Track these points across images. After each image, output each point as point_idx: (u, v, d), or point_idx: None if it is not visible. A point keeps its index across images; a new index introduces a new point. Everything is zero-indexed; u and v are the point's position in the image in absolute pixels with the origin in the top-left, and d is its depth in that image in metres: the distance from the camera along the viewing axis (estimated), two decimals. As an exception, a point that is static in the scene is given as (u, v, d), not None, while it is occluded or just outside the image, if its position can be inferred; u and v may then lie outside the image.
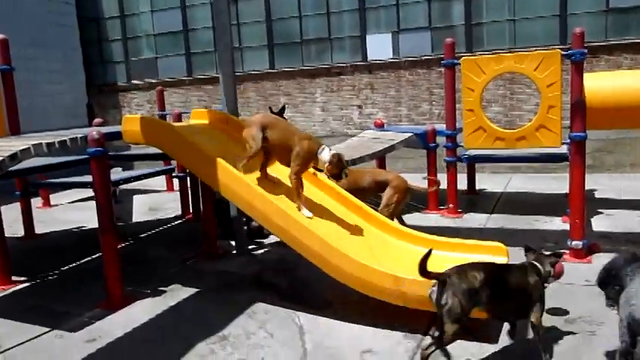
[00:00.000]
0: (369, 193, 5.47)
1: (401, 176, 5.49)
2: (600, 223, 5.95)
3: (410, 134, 7.06)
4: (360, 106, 10.42)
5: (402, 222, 5.57)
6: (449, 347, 3.33)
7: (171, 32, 11.90)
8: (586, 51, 4.81)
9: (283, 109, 6.17)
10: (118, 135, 4.62)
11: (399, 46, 10.09)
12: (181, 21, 11.70)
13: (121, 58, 12.47)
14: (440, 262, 4.19)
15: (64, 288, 4.95)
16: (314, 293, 4.39)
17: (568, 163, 5.24)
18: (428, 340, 3.46)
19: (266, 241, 5.83)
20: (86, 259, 5.69)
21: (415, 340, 3.49)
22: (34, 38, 11.01)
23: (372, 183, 5.40)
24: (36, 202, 8.43)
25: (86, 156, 4.31)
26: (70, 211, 8.44)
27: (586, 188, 5.03)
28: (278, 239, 4.39)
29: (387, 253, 4.22)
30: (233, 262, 5.38)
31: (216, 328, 3.84)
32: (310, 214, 4.20)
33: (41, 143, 4.00)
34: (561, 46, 7.16)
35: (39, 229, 6.98)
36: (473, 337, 3.45)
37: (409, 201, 5.64)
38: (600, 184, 7.83)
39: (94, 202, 4.35)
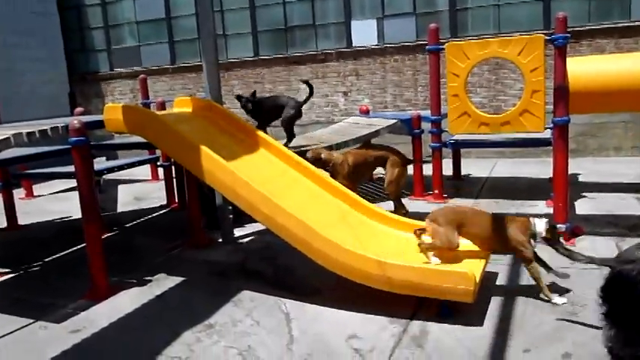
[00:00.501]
0: (372, 169, 6.00)
1: (398, 150, 5.90)
2: (583, 206, 6.01)
3: (395, 120, 7.06)
4: (345, 93, 10.39)
5: (402, 206, 5.62)
6: (432, 330, 3.36)
7: (154, 20, 11.73)
8: (569, 36, 4.83)
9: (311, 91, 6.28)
10: (99, 124, 4.57)
11: (384, 32, 10.04)
12: (164, 8, 11.53)
13: (103, 46, 12.29)
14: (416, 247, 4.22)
15: (48, 279, 4.92)
16: (300, 280, 4.39)
17: (552, 147, 5.28)
18: (414, 325, 3.49)
19: (251, 229, 5.81)
20: (70, 250, 5.64)
21: (400, 325, 3.51)
22: (14, 26, 10.81)
23: (372, 159, 5.81)
24: (19, 193, 8.34)
25: (68, 146, 4.25)
26: (54, 201, 8.36)
27: (569, 172, 5.08)
28: (263, 227, 4.37)
29: (372, 239, 4.23)
30: (219, 250, 5.36)
31: (202, 316, 3.83)
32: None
33: (21, 133, 3.95)
34: (545, 31, 7.17)
35: (22, 220, 6.90)
36: (458, 320, 3.48)
37: None
38: (584, 168, 7.90)
39: (77, 193, 4.30)
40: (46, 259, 5.45)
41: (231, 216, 5.55)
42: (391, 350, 3.22)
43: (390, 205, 5.70)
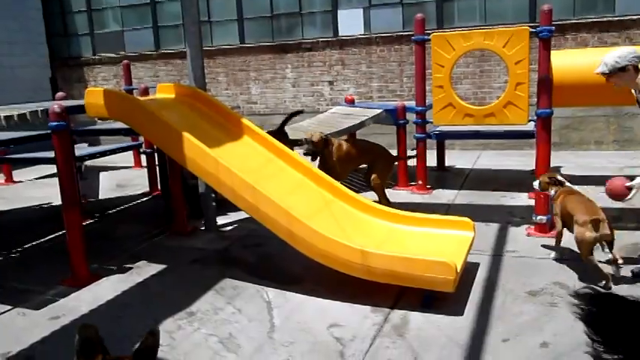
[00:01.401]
0: (360, 163, 5.89)
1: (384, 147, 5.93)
2: (565, 198, 6.06)
3: (380, 110, 7.06)
4: (331, 82, 10.35)
5: (384, 197, 5.65)
6: (413, 318, 3.38)
7: (138, 4, 11.56)
8: (554, 28, 4.85)
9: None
10: (80, 109, 4.50)
11: (371, 21, 10.00)
12: (148, -7, 11.40)
13: (85, 30, 12.09)
14: (408, 237, 4.25)
15: (27, 266, 4.86)
16: (282, 268, 4.39)
17: (535, 140, 5.31)
18: (396, 313, 3.51)
19: (234, 217, 5.78)
20: (51, 237, 5.57)
21: (382, 313, 3.53)
22: (-6, 9, 10.60)
23: (364, 153, 5.78)
24: (-2, 178, 8.22)
25: (48, 131, 4.18)
26: (35, 187, 8.24)
27: (552, 165, 5.12)
28: (247, 215, 4.35)
29: (355, 228, 4.24)
30: (201, 238, 5.34)
31: (183, 304, 3.81)
32: None
33: None
34: (531, 24, 7.19)
35: (1, 206, 6.80)
36: (439, 309, 3.51)
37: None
38: (566, 161, 7.97)
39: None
40: (26, 246, 5.38)
41: (213, 203, 5.52)
42: (372, 339, 3.23)
43: (373, 194, 5.70)
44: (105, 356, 1.65)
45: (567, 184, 4.40)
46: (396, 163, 6.30)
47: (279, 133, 5.75)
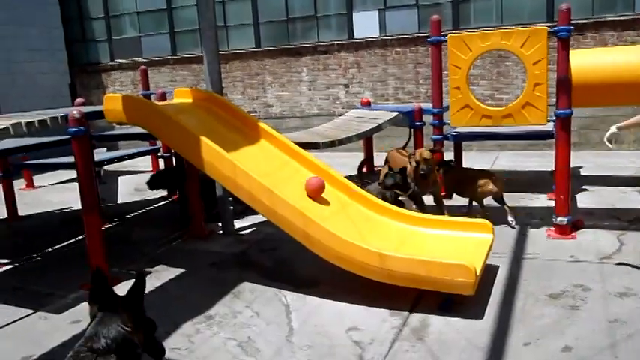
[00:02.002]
0: None
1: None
2: (585, 199, 5.99)
3: (397, 113, 7.02)
4: (346, 85, 10.34)
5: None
6: (433, 322, 3.36)
7: (155, 10, 11.67)
8: (572, 28, 4.79)
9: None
10: (99, 114, 4.55)
11: (386, 24, 9.98)
12: (165, -1, 11.50)
13: (103, 36, 12.23)
14: (427, 240, 4.22)
15: (48, 270, 4.92)
16: (300, 272, 4.39)
17: (554, 140, 5.25)
18: (415, 317, 3.48)
19: (251, 220, 5.80)
20: (71, 241, 5.64)
21: (401, 316, 3.51)
22: (14, 16, 10.76)
23: None
24: (19, 183, 8.33)
25: (68, 136, 4.23)
26: (55, 192, 8.35)
27: (571, 165, 5.05)
28: (264, 218, 4.36)
29: (372, 231, 4.22)
30: (219, 242, 5.36)
31: (202, 307, 3.83)
32: None
33: (20, 123, 3.93)
34: (548, 24, 7.11)
35: (22, 210, 6.90)
36: (458, 312, 3.48)
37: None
38: (586, 162, 7.88)
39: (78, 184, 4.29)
40: (47, 250, 5.44)
41: (231, 207, 5.54)
42: (391, 342, 3.21)
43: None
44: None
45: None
46: None
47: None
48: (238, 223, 5.73)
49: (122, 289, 4.21)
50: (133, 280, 2.31)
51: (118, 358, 2.07)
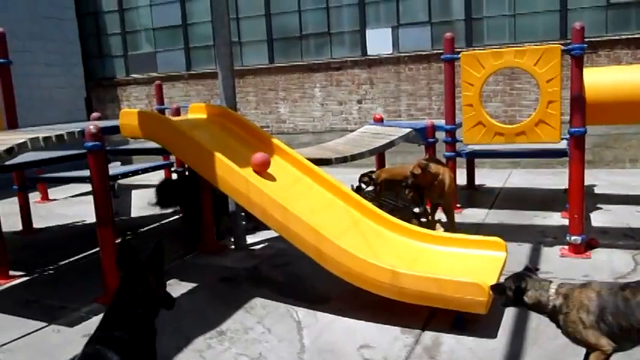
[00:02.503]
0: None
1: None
2: (599, 218, 5.94)
3: (409, 129, 7.03)
4: (359, 101, 10.39)
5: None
6: (445, 340, 3.33)
7: (170, 26, 11.85)
8: (586, 46, 4.79)
9: None
10: (115, 129, 4.60)
11: (399, 41, 10.04)
12: (180, 15, 11.64)
13: (119, 52, 12.41)
14: (439, 258, 4.21)
15: (61, 283, 4.95)
16: (312, 288, 4.38)
17: (567, 158, 5.23)
18: (427, 335, 3.46)
19: (264, 235, 5.81)
20: (84, 254, 5.68)
21: (413, 335, 3.49)
22: (33, 31, 10.96)
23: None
24: (34, 196, 8.42)
25: (84, 150, 4.28)
26: (69, 205, 8.42)
27: (585, 184, 5.02)
28: (276, 234, 4.37)
29: (385, 248, 4.21)
30: (231, 257, 5.37)
31: (213, 323, 3.83)
32: None
33: (38, 137, 3.98)
34: (561, 42, 7.13)
35: (37, 223, 6.96)
36: (471, 331, 3.45)
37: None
38: (599, 180, 7.82)
39: (92, 197, 4.33)
40: (60, 263, 5.48)
41: (243, 222, 5.56)
42: (403, 361, 3.19)
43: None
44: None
45: None
46: None
47: None
48: (250, 238, 5.75)
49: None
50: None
51: (144, 309, 2.65)
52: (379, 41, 10.16)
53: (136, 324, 2.57)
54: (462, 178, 7.35)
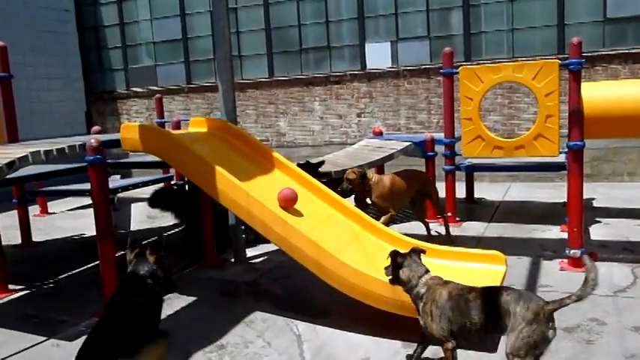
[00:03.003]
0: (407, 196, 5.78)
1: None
2: (598, 231, 5.95)
3: (409, 143, 7.07)
4: (359, 115, 10.43)
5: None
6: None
7: (171, 40, 11.92)
8: (584, 60, 4.83)
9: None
10: (116, 143, 4.62)
11: (398, 55, 10.11)
12: (181, 29, 11.72)
13: (120, 65, 12.48)
14: (439, 271, 4.20)
15: (61, 296, 4.94)
16: (312, 301, 4.38)
17: (566, 172, 5.25)
18: (427, 349, 3.45)
19: (264, 249, 5.81)
20: (84, 268, 5.67)
21: (413, 349, 3.47)
22: (33, 45, 11.03)
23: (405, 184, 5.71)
24: (34, 209, 8.42)
25: (84, 164, 4.30)
26: (68, 219, 8.42)
27: (584, 197, 5.04)
28: (276, 247, 4.38)
29: (385, 261, 4.20)
30: (231, 270, 5.36)
31: (214, 337, 3.83)
32: None
33: (39, 151, 4.00)
34: (559, 56, 7.19)
35: (36, 237, 6.96)
36: (472, 346, 3.44)
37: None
38: (598, 193, 7.84)
39: (92, 210, 4.34)
40: (60, 276, 5.47)
41: (243, 235, 5.56)
42: (404, 375, 3.18)
43: (404, 226, 5.68)
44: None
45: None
46: None
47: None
48: (250, 252, 5.75)
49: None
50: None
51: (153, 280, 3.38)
52: (378, 55, 10.23)
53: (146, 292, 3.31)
54: (461, 192, 7.36)
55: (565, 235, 5.12)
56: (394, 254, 3.22)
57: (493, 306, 2.82)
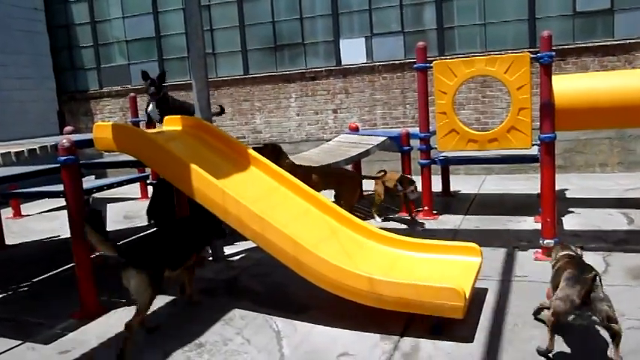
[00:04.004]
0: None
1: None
2: (571, 221, 6.06)
3: (384, 138, 7.10)
4: (335, 111, 10.45)
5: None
6: (423, 346, 3.37)
7: (144, 38, 11.78)
8: (554, 54, 4.91)
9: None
10: (89, 143, 4.56)
11: (373, 50, 10.15)
12: (154, 27, 11.59)
13: (92, 64, 12.29)
14: (416, 264, 4.25)
15: (36, 299, 4.87)
16: (290, 297, 4.39)
17: (539, 163, 5.33)
18: (405, 341, 3.49)
19: (242, 246, 5.79)
20: (59, 270, 5.59)
21: (392, 341, 3.51)
22: (3, 45, 10.81)
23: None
24: (6, 212, 8.28)
25: (57, 165, 4.24)
26: (43, 221, 8.29)
27: (557, 188, 5.14)
28: (254, 244, 4.37)
29: (363, 256, 4.24)
30: (209, 268, 5.34)
31: (192, 335, 3.81)
32: None
33: (10, 152, 3.94)
34: (531, 50, 7.28)
35: (10, 240, 6.84)
36: (448, 336, 3.49)
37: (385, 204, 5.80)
38: (571, 184, 7.99)
39: (66, 212, 4.29)
40: (35, 279, 5.40)
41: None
42: (382, 367, 3.21)
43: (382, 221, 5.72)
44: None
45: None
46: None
47: None
48: (228, 249, 5.73)
49: (111, 317, 4.21)
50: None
51: None
52: (353, 51, 10.25)
53: None
54: (437, 185, 7.43)
55: (539, 226, 5.21)
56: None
57: None
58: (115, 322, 4.15)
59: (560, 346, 3.25)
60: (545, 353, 3.13)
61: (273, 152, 5.42)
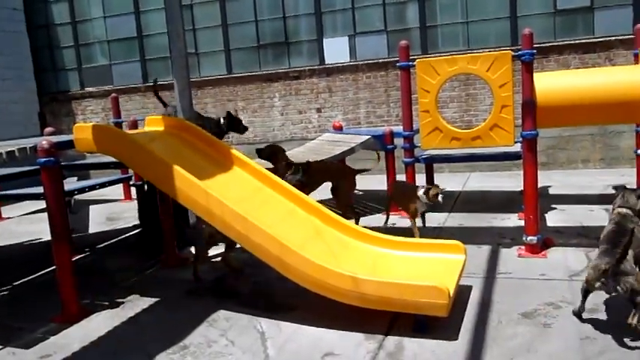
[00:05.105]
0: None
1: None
2: (554, 218, 6.11)
3: (368, 136, 7.11)
4: (318, 110, 10.44)
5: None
6: (408, 345, 3.37)
7: (125, 38, 11.66)
8: (535, 51, 4.94)
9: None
10: (69, 144, 4.50)
11: (356, 49, 10.15)
12: (135, 27, 11.48)
13: (73, 65, 12.15)
14: (400, 263, 4.25)
15: (17, 303, 4.80)
16: (275, 298, 4.37)
17: (522, 160, 5.36)
18: (390, 340, 3.49)
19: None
20: (41, 273, 5.52)
21: (376, 340, 3.51)
22: (-19, 46, 10.66)
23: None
24: (-13, 215, 8.15)
25: (37, 166, 4.18)
26: (24, 223, 8.18)
27: (540, 185, 5.17)
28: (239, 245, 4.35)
29: (347, 255, 4.24)
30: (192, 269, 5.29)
31: (176, 337, 3.78)
32: None
33: (-12, 154, 3.87)
34: (513, 47, 7.33)
35: (-10, 243, 6.74)
36: (433, 334, 3.50)
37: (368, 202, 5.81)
38: (554, 181, 8.05)
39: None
40: (15, 283, 5.32)
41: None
42: (367, 366, 3.21)
43: (365, 219, 5.71)
44: None
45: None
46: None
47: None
48: (213, 250, 5.68)
49: (94, 320, 4.16)
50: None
51: None
52: (337, 50, 10.24)
53: None
54: (421, 183, 7.42)
55: (522, 223, 5.24)
56: None
57: None
58: (97, 325, 4.10)
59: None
60: (578, 314, 3.51)
61: (273, 152, 5.39)
